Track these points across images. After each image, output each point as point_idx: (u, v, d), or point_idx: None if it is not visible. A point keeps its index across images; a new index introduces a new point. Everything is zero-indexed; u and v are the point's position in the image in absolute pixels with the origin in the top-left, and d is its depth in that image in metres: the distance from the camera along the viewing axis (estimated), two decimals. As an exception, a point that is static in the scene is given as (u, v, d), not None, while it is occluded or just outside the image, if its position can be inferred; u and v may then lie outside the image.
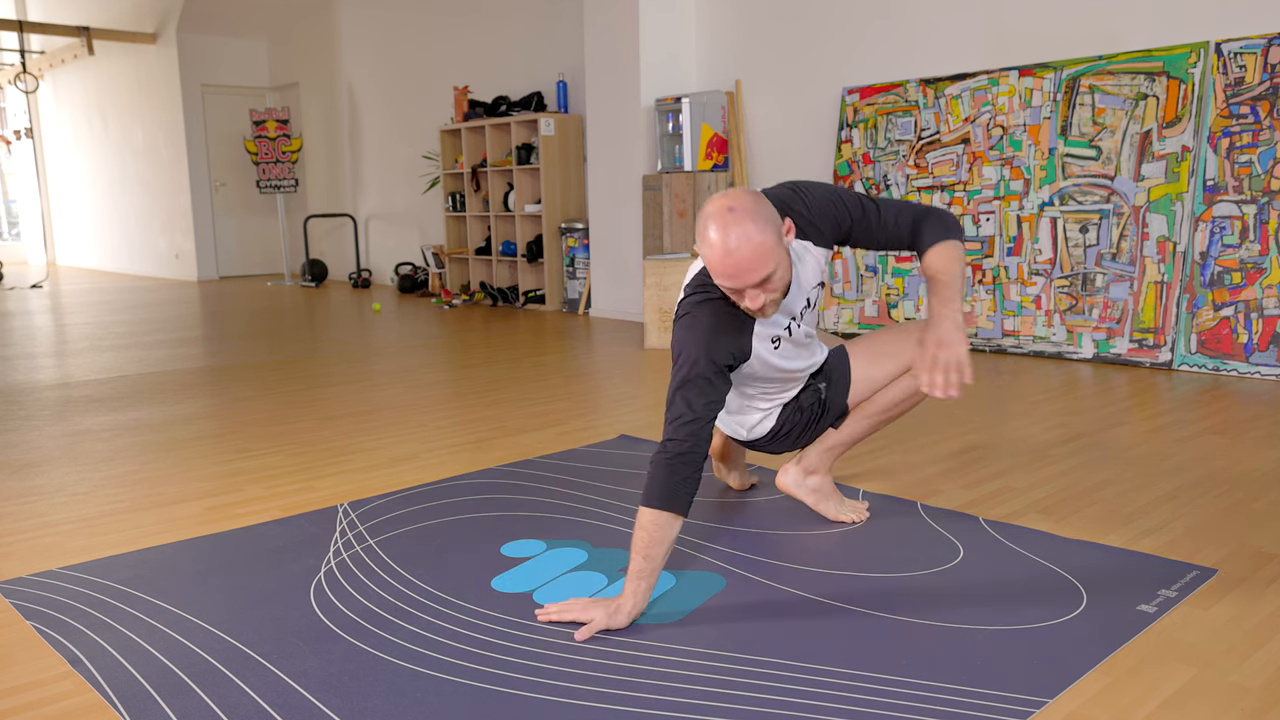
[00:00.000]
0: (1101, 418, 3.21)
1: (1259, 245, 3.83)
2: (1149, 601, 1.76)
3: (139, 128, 11.22)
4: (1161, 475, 2.56)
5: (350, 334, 5.83)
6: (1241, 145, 3.89)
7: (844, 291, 5.17)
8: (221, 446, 3.10)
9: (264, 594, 1.88)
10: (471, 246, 7.61)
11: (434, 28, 8.28)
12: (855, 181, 5.15)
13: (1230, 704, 1.41)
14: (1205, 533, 2.12)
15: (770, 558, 2.02)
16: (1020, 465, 2.69)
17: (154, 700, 1.48)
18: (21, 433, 3.36)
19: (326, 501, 2.49)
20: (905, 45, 5.03)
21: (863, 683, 1.49)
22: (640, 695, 1.46)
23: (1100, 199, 4.26)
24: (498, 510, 2.38)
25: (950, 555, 2.01)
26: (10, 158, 14.96)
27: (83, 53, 11.53)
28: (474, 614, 1.77)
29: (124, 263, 12.28)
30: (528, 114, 6.91)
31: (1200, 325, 3.95)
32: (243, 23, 10.55)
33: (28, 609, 1.84)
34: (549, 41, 7.13)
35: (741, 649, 1.61)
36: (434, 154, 8.25)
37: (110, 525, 2.34)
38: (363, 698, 1.47)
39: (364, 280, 9.24)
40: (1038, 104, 4.47)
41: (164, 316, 7.03)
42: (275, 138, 9.81)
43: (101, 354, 5.19)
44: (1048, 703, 1.42)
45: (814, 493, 2.27)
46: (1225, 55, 3.94)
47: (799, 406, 2.16)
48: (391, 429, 3.29)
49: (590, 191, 6.35)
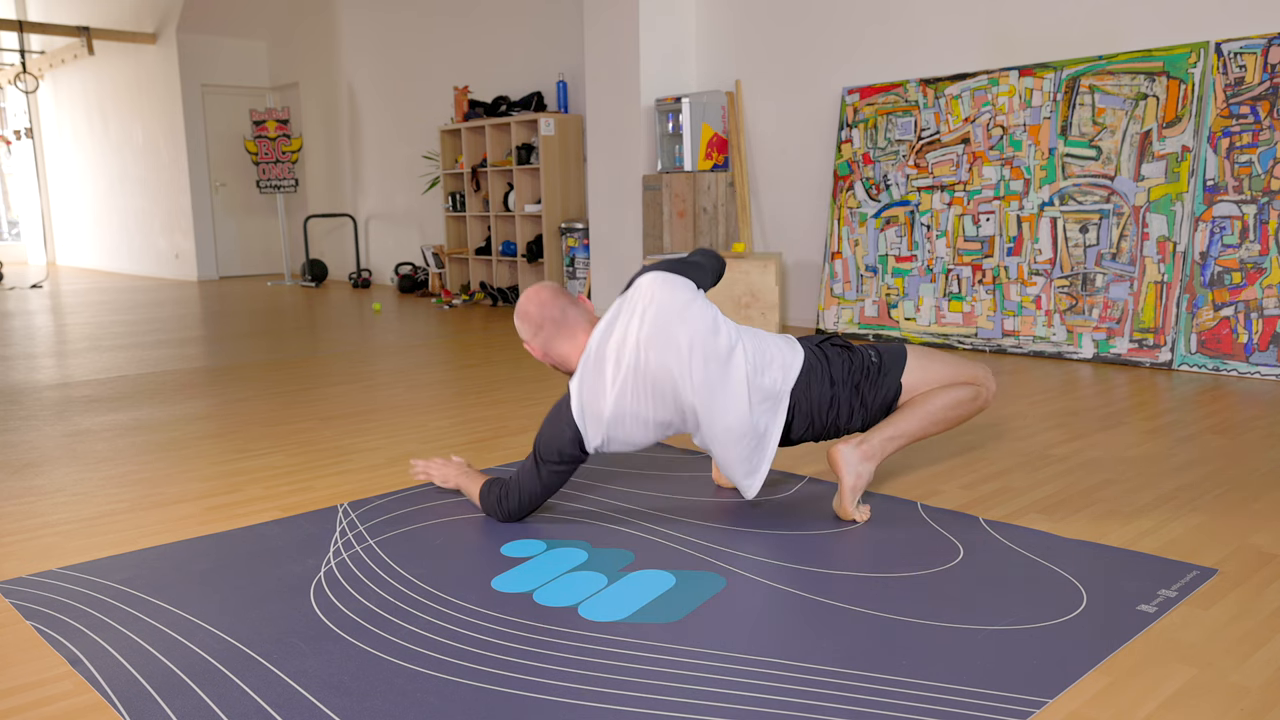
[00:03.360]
0: (1101, 418, 3.21)
1: (1259, 245, 3.83)
2: (1149, 601, 1.76)
3: (139, 128, 11.22)
4: (1161, 475, 2.56)
5: (350, 334, 5.83)
6: (1241, 145, 3.89)
7: (844, 291, 5.17)
8: (221, 446, 3.10)
9: (264, 594, 1.88)
10: (471, 246, 7.62)
11: (434, 28, 8.29)
12: (855, 181, 5.15)
13: (1230, 704, 1.41)
14: (1205, 533, 2.12)
15: (770, 558, 2.02)
16: (1020, 465, 2.69)
17: (154, 700, 1.48)
18: (21, 433, 3.36)
19: (326, 501, 2.49)
20: (905, 45, 5.03)
21: (863, 683, 1.48)
22: (640, 695, 1.46)
23: (1100, 199, 4.26)
24: (498, 510, 2.38)
25: (950, 555, 2.01)
26: (10, 158, 14.96)
27: (83, 53, 11.53)
28: (474, 614, 1.77)
29: (124, 263, 12.29)
30: (528, 114, 6.91)
31: (1200, 325, 3.95)
32: (243, 23, 10.55)
33: (28, 609, 1.84)
34: (549, 41, 7.13)
35: (741, 649, 1.61)
36: (434, 154, 8.25)
37: (110, 525, 2.34)
38: (363, 698, 1.47)
39: (364, 280, 9.24)
40: (1038, 104, 4.47)
41: (164, 316, 7.03)
42: (275, 138, 9.81)
43: (101, 354, 5.19)
44: (1048, 703, 1.42)
45: (858, 477, 2.20)
46: (1225, 55, 3.94)
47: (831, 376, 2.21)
48: (391, 429, 3.29)
49: (590, 191, 6.35)
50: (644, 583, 1.90)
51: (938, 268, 4.80)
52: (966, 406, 2.24)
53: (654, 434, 2.18)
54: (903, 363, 2.25)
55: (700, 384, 2.10)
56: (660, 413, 2.13)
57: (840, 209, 5.22)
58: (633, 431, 2.15)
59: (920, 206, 4.87)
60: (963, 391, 2.23)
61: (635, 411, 2.12)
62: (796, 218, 5.59)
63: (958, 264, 4.72)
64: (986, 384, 2.28)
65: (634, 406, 2.12)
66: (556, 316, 2.19)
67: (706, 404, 2.11)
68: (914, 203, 4.90)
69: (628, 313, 2.15)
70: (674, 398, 2.12)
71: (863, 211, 5.12)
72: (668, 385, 2.11)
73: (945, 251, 4.77)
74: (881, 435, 2.21)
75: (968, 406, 2.24)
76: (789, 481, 2.58)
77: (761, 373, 2.16)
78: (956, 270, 4.72)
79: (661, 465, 2.76)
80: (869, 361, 2.25)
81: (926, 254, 4.84)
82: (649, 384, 2.11)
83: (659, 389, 2.11)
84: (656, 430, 2.17)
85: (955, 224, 4.74)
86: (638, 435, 2.16)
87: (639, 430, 2.15)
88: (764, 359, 2.18)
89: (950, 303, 4.74)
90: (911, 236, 4.90)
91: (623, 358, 2.11)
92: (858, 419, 2.26)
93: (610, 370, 2.11)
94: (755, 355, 2.17)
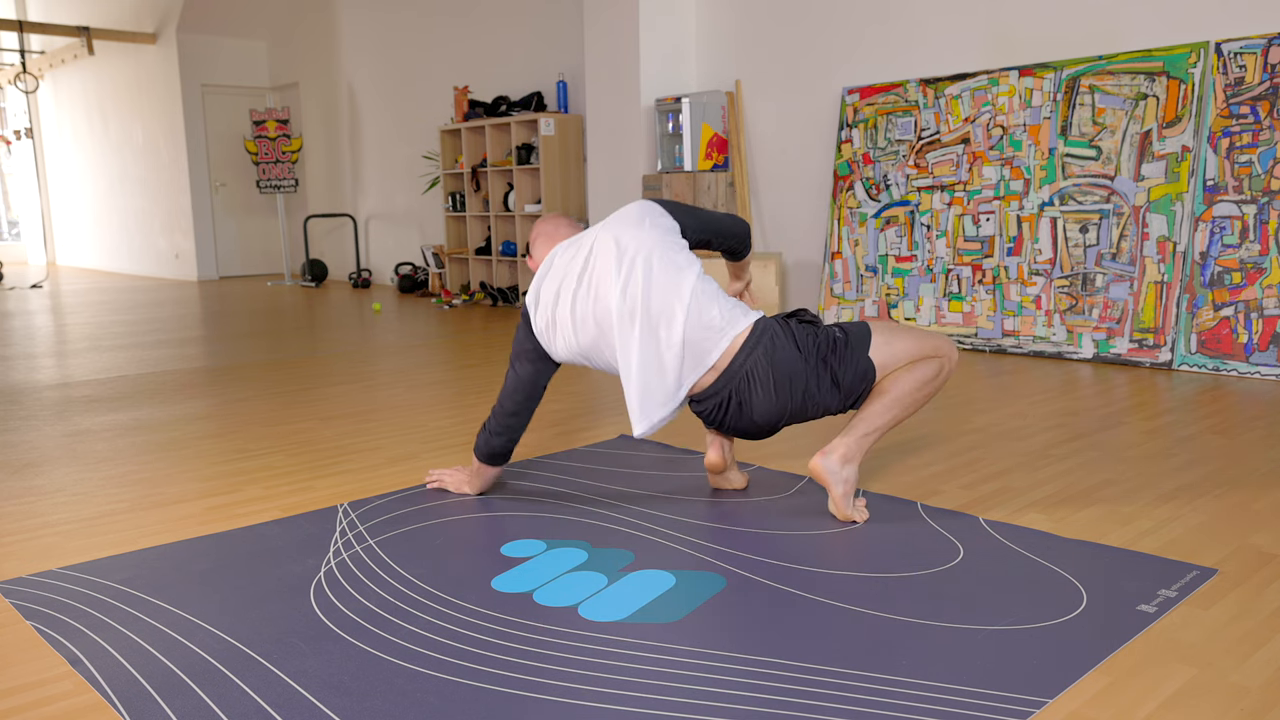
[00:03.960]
0: (1101, 418, 3.21)
1: (1259, 245, 3.83)
2: (1149, 601, 1.76)
3: (139, 128, 11.22)
4: (1161, 475, 2.56)
5: (350, 334, 5.83)
6: (1241, 145, 3.89)
7: (844, 291, 5.17)
8: (221, 446, 3.10)
9: (264, 594, 1.88)
10: (471, 246, 7.62)
11: (434, 28, 8.29)
12: (855, 181, 5.15)
13: (1230, 704, 1.41)
14: (1205, 533, 2.12)
15: (770, 558, 2.02)
16: (1020, 465, 2.69)
17: (154, 700, 1.48)
18: (21, 433, 3.36)
19: (326, 501, 2.49)
20: (905, 45, 5.03)
21: (863, 683, 1.48)
22: (640, 695, 1.46)
23: (1100, 199, 4.26)
24: (498, 510, 2.38)
25: (950, 555, 2.01)
26: (10, 158, 14.96)
27: (83, 53, 11.53)
28: (474, 614, 1.77)
29: (124, 263, 12.29)
30: (528, 114, 6.91)
31: (1200, 325, 3.95)
32: (243, 23, 10.55)
33: (28, 609, 1.84)
34: (549, 41, 7.13)
35: (741, 649, 1.61)
36: (434, 154, 8.25)
37: (110, 525, 2.34)
38: (363, 698, 1.47)
39: (364, 280, 9.24)
40: (1038, 104, 4.47)
41: (164, 316, 7.03)
42: (275, 138, 9.81)
43: (101, 354, 5.19)
44: (1048, 703, 1.42)
45: (845, 483, 2.20)
46: (1225, 55, 3.94)
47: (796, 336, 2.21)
48: (391, 429, 3.29)
49: (590, 191, 6.35)
50: (644, 583, 1.90)
51: (938, 268, 4.80)
52: (933, 384, 2.21)
53: (581, 317, 2.24)
54: (868, 339, 2.20)
55: (644, 265, 2.18)
56: (597, 298, 2.21)
57: (840, 209, 5.22)
58: (563, 315, 2.25)
59: (920, 206, 4.87)
60: (927, 368, 2.20)
61: (573, 290, 2.24)
62: (796, 218, 5.59)
63: (958, 264, 4.72)
64: (949, 354, 2.24)
65: (572, 286, 2.24)
66: (551, 231, 2.44)
67: (645, 292, 2.16)
68: (914, 203, 4.90)
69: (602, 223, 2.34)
70: (615, 276, 2.18)
71: (863, 211, 5.12)
72: (610, 263, 2.20)
73: (945, 251, 4.77)
74: (856, 435, 2.19)
75: (934, 384, 2.21)
76: (789, 481, 2.58)
77: (711, 302, 2.18)
78: (956, 270, 4.72)
79: (662, 465, 2.76)
80: (834, 336, 2.21)
81: (926, 254, 4.85)
82: (596, 264, 2.23)
83: (603, 268, 2.21)
84: (584, 311, 2.23)
85: (955, 224, 4.74)
86: (565, 316, 2.25)
87: (566, 310, 2.24)
88: (717, 296, 2.21)
89: (950, 303, 4.74)
90: (911, 236, 4.90)
91: (582, 246, 2.29)
92: (834, 398, 2.21)
93: (568, 256, 2.30)
94: (709, 286, 2.22)
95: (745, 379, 2.17)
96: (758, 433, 2.28)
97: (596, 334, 2.23)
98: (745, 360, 2.16)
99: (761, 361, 2.16)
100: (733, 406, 2.21)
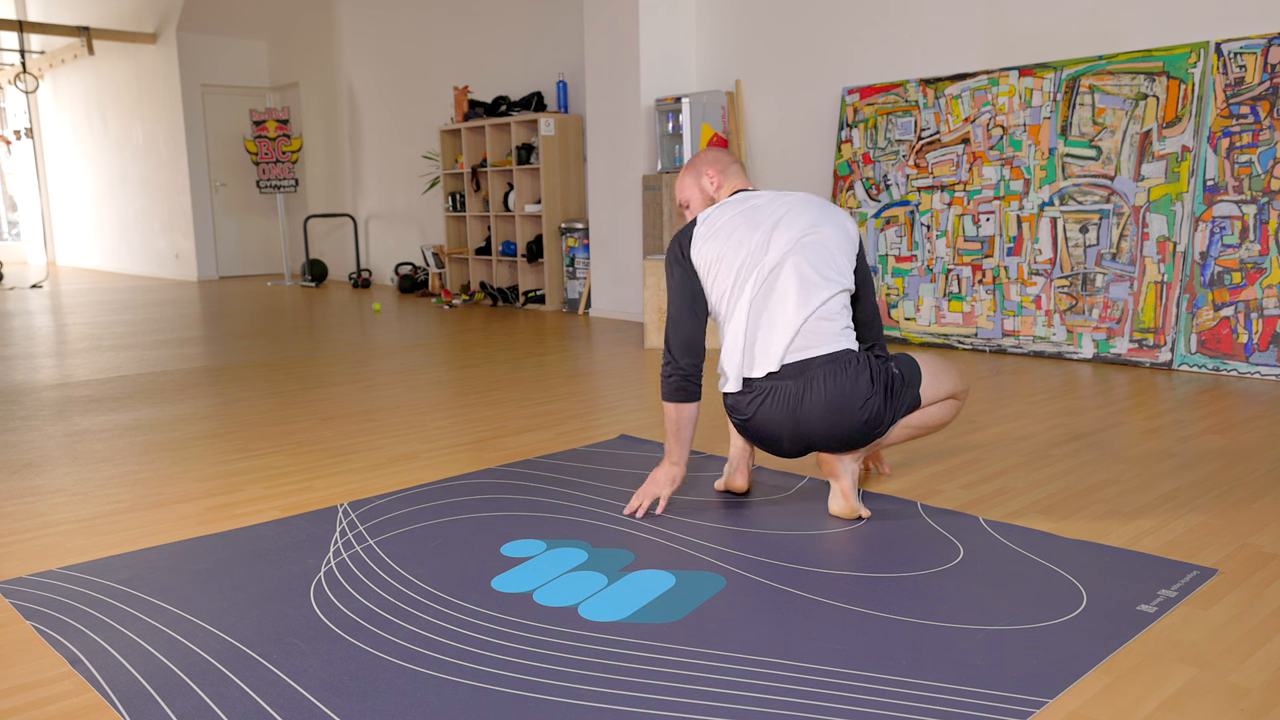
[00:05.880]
0: (1101, 418, 3.21)
1: (1259, 245, 3.83)
2: (1149, 601, 1.76)
3: (139, 127, 11.22)
4: (1161, 475, 2.56)
5: (350, 334, 5.83)
6: (1241, 145, 3.89)
7: (844, 291, 5.17)
8: (221, 446, 3.10)
9: (264, 594, 1.88)
10: (471, 246, 7.62)
11: (434, 28, 8.28)
12: (855, 181, 5.15)
13: (1230, 704, 1.41)
14: (1205, 533, 2.12)
15: (770, 558, 2.02)
16: (1020, 465, 2.69)
17: (154, 700, 1.48)
18: (21, 433, 3.36)
19: (326, 501, 2.49)
20: (905, 45, 5.03)
21: (863, 683, 1.49)
22: (640, 695, 1.46)
23: (1100, 199, 4.26)
24: (498, 510, 2.38)
25: (950, 555, 2.01)
26: (10, 158, 14.96)
27: (83, 53, 11.53)
28: (474, 614, 1.77)
29: (124, 263, 12.29)
30: (528, 114, 6.91)
31: (1200, 325, 3.95)
32: (243, 23, 10.55)
33: (28, 609, 1.84)
34: (549, 41, 7.13)
35: (741, 649, 1.61)
36: (434, 154, 8.25)
37: (110, 525, 2.34)
38: (363, 698, 1.47)
39: (364, 280, 9.24)
40: (1038, 104, 4.47)
41: (164, 316, 7.03)
42: (275, 138, 9.81)
43: (101, 354, 5.19)
44: (1048, 703, 1.42)
45: (852, 474, 2.28)
46: (1225, 55, 3.94)
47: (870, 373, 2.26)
48: (391, 429, 3.29)
49: (590, 191, 6.35)
50: (644, 583, 1.90)
51: (938, 268, 4.80)
52: (949, 421, 2.41)
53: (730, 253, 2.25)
54: (919, 378, 2.30)
55: (820, 245, 2.24)
56: (744, 238, 2.24)
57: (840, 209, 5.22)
58: (723, 250, 2.25)
59: (920, 206, 4.87)
60: (949, 409, 2.38)
61: (732, 232, 2.26)
62: (796, 218, 5.58)
63: (958, 264, 4.72)
64: (966, 394, 2.44)
65: (733, 228, 2.26)
66: (728, 164, 2.45)
67: (811, 263, 2.21)
68: (914, 203, 4.90)
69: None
70: (789, 237, 2.23)
71: (863, 211, 5.12)
72: (796, 228, 2.24)
73: (945, 251, 4.77)
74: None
75: (949, 421, 2.42)
76: (789, 481, 2.58)
77: (844, 309, 2.25)
78: (956, 270, 4.72)
79: (661, 465, 2.76)
80: (892, 372, 2.27)
81: (926, 254, 4.84)
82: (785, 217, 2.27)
83: (791, 220, 2.26)
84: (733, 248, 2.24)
85: (955, 224, 4.74)
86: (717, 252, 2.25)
87: (722, 246, 2.25)
88: (848, 309, 2.27)
89: (950, 303, 4.74)
90: (911, 236, 4.90)
91: (776, 200, 2.32)
92: (883, 431, 2.26)
93: (764, 199, 2.32)
94: (848, 299, 2.29)
95: (820, 378, 2.18)
96: (790, 445, 2.26)
97: (746, 283, 2.24)
98: (828, 365, 2.18)
99: (833, 375, 2.17)
100: (790, 400, 2.20)
